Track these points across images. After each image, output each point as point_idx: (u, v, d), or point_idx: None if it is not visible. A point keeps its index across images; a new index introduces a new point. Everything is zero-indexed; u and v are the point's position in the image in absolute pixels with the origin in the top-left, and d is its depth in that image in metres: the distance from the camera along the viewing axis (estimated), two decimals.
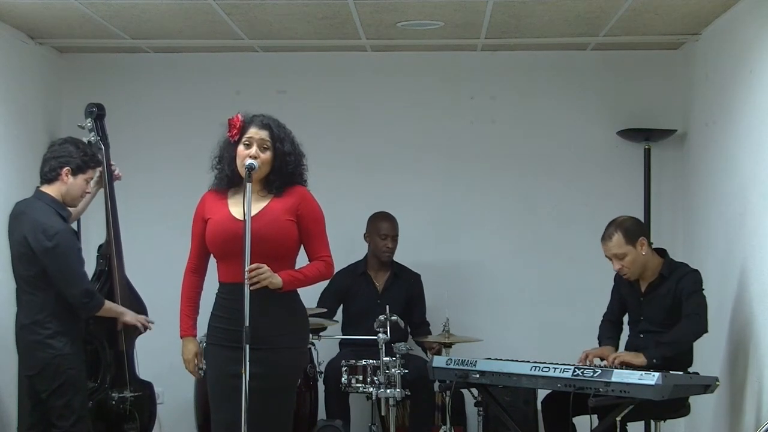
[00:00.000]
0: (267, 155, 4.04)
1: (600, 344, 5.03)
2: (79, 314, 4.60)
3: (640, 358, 4.64)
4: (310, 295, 5.02)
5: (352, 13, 5.20)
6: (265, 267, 3.91)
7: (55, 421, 4.57)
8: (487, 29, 5.60)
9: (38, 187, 4.68)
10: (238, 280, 3.90)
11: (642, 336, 4.82)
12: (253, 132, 4.05)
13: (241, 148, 4.05)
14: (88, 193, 4.81)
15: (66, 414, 4.55)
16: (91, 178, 4.76)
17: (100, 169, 4.89)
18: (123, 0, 4.96)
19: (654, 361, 4.61)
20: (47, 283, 4.52)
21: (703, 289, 4.73)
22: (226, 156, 4.11)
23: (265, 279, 3.92)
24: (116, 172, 5.11)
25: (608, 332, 5.07)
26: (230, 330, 3.99)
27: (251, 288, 3.88)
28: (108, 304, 4.73)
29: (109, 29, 5.54)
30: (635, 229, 4.78)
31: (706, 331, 4.69)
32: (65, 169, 4.63)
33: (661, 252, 4.89)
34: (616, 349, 4.95)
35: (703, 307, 4.68)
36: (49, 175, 4.64)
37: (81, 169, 4.66)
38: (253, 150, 4.02)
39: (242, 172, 4.00)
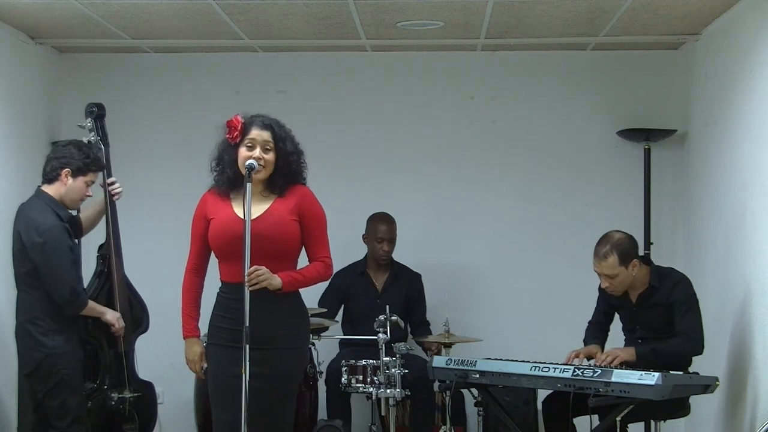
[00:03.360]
0: (270, 156, 4.04)
1: (585, 344, 5.01)
2: (63, 312, 4.59)
3: (629, 351, 4.66)
4: (310, 296, 5.02)
5: (352, 13, 5.20)
6: (264, 269, 3.91)
7: (52, 422, 4.57)
8: (487, 29, 5.59)
9: (39, 186, 4.71)
10: (242, 279, 3.90)
11: (640, 341, 4.81)
12: (256, 133, 4.03)
13: (243, 150, 4.03)
14: (89, 196, 4.80)
15: (62, 414, 4.55)
16: (92, 182, 4.76)
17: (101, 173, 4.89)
18: (123, 0, 4.96)
19: (642, 360, 4.63)
20: (40, 281, 4.53)
21: (697, 301, 4.71)
22: (227, 158, 4.09)
23: (264, 281, 3.92)
24: (117, 192, 4.96)
25: (594, 333, 5.06)
26: (233, 330, 3.98)
27: (250, 289, 3.88)
28: (90, 303, 4.71)
29: (109, 29, 5.54)
30: (630, 252, 4.69)
31: (701, 353, 4.68)
32: (65, 170, 4.64)
33: (646, 260, 4.87)
34: (602, 350, 4.92)
35: (699, 326, 4.67)
36: (49, 175, 4.68)
37: (81, 171, 4.67)
38: (257, 152, 4.00)
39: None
